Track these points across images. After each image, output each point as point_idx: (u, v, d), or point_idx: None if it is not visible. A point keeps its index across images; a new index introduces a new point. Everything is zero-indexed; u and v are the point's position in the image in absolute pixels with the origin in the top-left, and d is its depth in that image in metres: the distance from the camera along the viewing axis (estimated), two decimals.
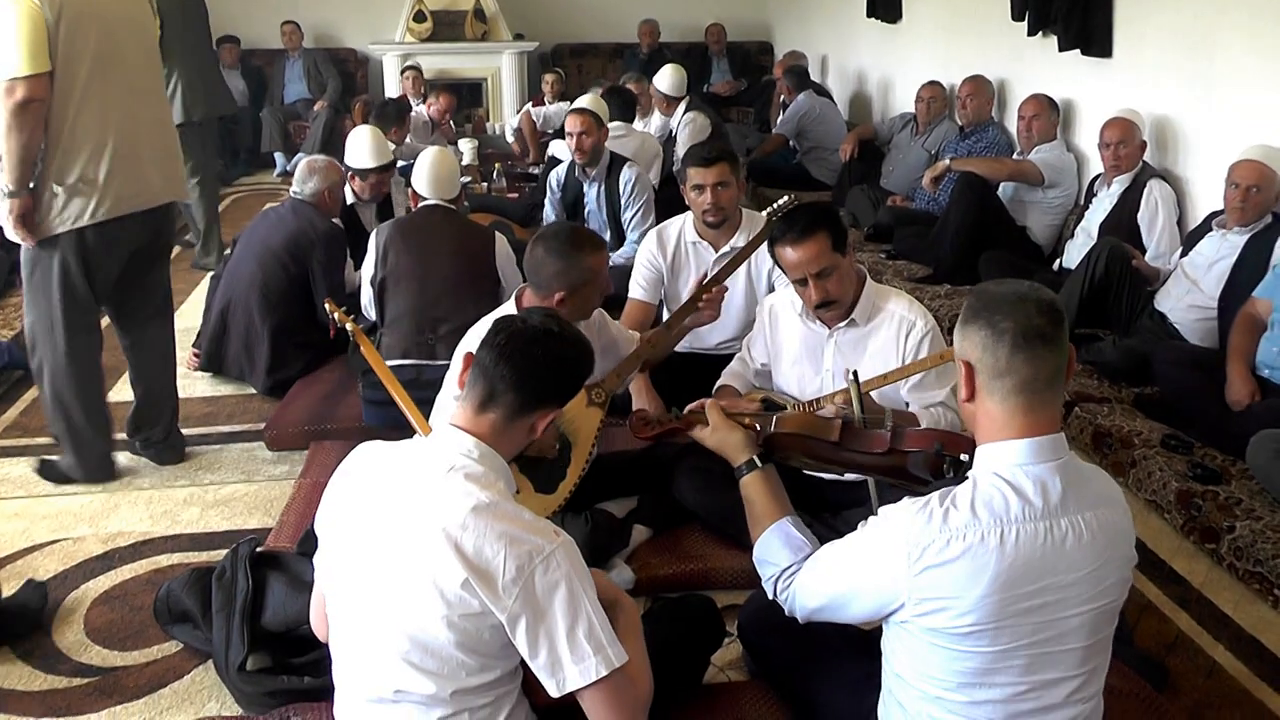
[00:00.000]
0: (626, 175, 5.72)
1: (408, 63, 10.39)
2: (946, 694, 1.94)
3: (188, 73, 6.90)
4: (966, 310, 1.97)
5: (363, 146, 5.56)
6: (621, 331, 3.67)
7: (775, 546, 2.28)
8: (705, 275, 3.77)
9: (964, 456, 2.24)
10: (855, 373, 2.72)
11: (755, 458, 2.50)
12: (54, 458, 4.12)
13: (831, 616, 2.12)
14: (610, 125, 6.14)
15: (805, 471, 2.97)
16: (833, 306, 3.28)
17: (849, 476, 3.19)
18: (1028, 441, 1.90)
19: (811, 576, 2.14)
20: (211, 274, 5.43)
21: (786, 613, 2.24)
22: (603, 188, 5.80)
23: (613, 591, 2.16)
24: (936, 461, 2.38)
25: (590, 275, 3.20)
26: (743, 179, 4.41)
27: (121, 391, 4.62)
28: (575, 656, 1.91)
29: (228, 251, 5.59)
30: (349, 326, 3.97)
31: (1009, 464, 1.90)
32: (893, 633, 2.02)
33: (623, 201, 5.74)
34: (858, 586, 1.99)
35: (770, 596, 2.27)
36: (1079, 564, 1.87)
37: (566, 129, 5.79)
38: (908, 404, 3.27)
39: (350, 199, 5.59)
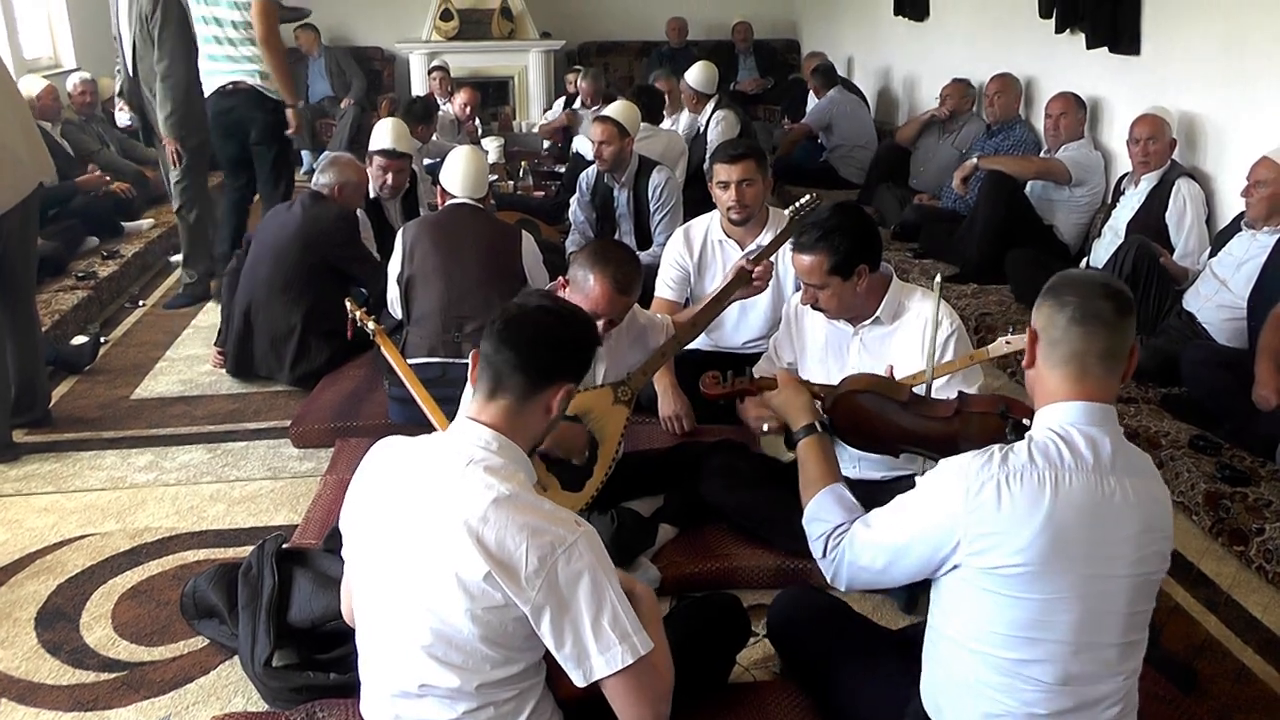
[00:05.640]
0: (656, 180, 5.68)
1: (434, 62, 10.37)
2: (996, 651, 1.97)
3: None
4: (1044, 288, 2.08)
5: (384, 129, 5.60)
6: (650, 319, 3.64)
7: (828, 504, 2.34)
8: (749, 256, 3.72)
9: (1025, 421, 2.32)
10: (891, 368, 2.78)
11: (816, 423, 2.60)
12: None
13: (877, 578, 2.18)
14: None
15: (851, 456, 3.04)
16: (824, 312, 3.32)
17: (895, 471, 3.20)
18: (1081, 403, 2.00)
19: (866, 531, 2.18)
20: (226, 273, 5.44)
21: (829, 578, 2.27)
22: (631, 192, 5.77)
23: (628, 582, 2.16)
24: (999, 424, 2.51)
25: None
26: (769, 176, 4.39)
27: None
28: (600, 645, 1.91)
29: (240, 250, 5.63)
30: (370, 326, 3.97)
31: (1062, 421, 1.99)
32: (944, 586, 2.06)
33: (651, 206, 5.70)
34: (915, 531, 2.05)
35: (818, 555, 2.30)
36: (1126, 523, 1.94)
37: (590, 136, 5.79)
38: None
39: (373, 192, 5.60)
